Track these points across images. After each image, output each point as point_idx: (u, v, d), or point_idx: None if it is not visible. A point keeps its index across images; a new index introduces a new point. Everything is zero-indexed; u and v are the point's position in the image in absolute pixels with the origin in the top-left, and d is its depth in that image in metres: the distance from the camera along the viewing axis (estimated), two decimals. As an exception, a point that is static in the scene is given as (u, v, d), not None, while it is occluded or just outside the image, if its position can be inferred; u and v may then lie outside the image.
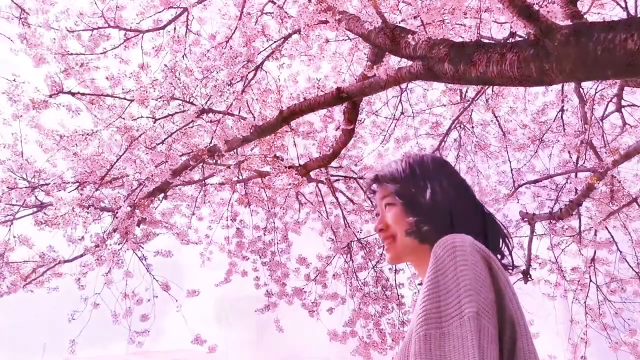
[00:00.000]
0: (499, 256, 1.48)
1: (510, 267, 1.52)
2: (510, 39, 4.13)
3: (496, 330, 1.17)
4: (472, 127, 6.27)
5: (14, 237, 4.45)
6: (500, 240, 1.50)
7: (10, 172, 4.28)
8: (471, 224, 1.44)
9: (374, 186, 1.62)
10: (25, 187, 4.30)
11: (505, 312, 1.21)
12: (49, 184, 4.32)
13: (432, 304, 1.19)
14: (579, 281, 6.15)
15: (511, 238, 1.54)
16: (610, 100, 5.43)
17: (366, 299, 6.25)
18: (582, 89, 5.39)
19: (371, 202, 1.68)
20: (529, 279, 5.90)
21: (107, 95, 4.24)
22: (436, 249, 1.29)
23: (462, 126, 6.22)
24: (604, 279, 6.14)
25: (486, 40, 4.24)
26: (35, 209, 4.40)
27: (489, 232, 1.47)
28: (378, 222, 1.57)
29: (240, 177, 5.68)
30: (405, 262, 1.55)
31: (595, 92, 5.25)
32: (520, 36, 4.06)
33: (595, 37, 2.30)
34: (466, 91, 5.92)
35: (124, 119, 4.24)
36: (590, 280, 6.13)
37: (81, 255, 4.66)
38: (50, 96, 3.78)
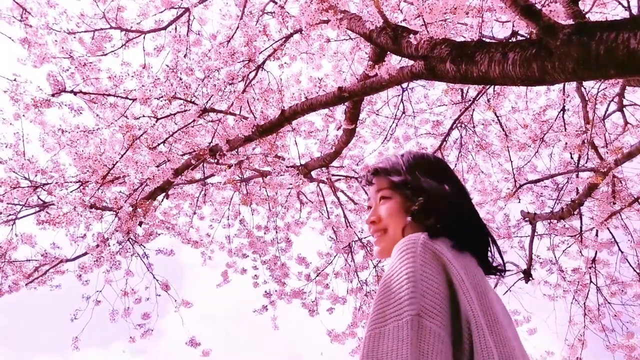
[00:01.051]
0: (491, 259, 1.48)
1: (503, 271, 1.51)
2: (512, 39, 4.13)
3: (445, 330, 1.15)
4: (474, 126, 6.26)
5: (16, 235, 4.45)
6: (491, 246, 1.49)
7: (12, 171, 4.28)
8: (464, 225, 1.43)
9: (371, 178, 1.59)
10: (28, 187, 4.31)
11: (460, 311, 1.19)
12: (51, 183, 4.32)
13: (380, 306, 1.19)
14: (579, 282, 6.14)
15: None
16: (612, 100, 5.43)
17: (367, 298, 6.25)
18: (584, 88, 5.39)
19: (367, 193, 1.67)
20: (530, 278, 5.90)
21: (109, 95, 4.24)
22: (392, 251, 1.29)
23: (463, 126, 6.21)
24: (604, 280, 6.14)
25: (488, 40, 4.24)
26: (37, 209, 4.40)
27: (475, 235, 1.46)
28: (371, 214, 1.56)
29: (242, 177, 5.69)
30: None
31: (598, 92, 5.25)
32: (522, 35, 4.05)
33: (597, 36, 2.29)
34: (467, 91, 5.91)
35: (127, 117, 4.24)
36: (591, 282, 6.13)
37: (83, 254, 4.67)
38: (53, 95, 3.78)
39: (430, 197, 1.45)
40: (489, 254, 1.49)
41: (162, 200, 5.33)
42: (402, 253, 1.25)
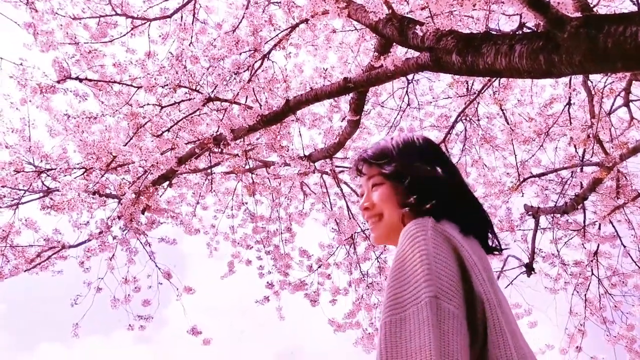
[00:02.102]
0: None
1: (499, 250, 1.51)
2: (519, 32, 4.11)
3: (461, 310, 1.16)
4: (478, 119, 6.25)
5: (20, 220, 4.47)
6: (486, 227, 1.49)
7: (17, 154, 4.28)
8: (459, 207, 1.43)
9: (362, 166, 1.58)
10: (32, 171, 4.32)
11: (474, 292, 1.21)
12: (56, 169, 4.33)
13: (394, 290, 1.20)
14: (580, 274, 6.16)
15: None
16: (618, 95, 5.41)
17: (369, 290, 6.27)
18: (591, 82, 5.37)
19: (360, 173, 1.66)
20: (533, 272, 5.90)
21: (114, 82, 4.23)
22: (400, 237, 1.30)
23: (467, 119, 6.20)
24: (605, 272, 6.16)
25: (495, 32, 4.22)
26: (41, 194, 4.41)
27: (475, 217, 1.46)
28: (364, 200, 1.55)
29: (247, 166, 5.69)
30: (389, 242, 1.53)
31: (604, 86, 5.23)
32: (529, 28, 4.04)
33: (605, 29, 2.28)
34: (472, 83, 5.90)
35: (131, 105, 4.24)
36: (592, 274, 6.15)
37: (86, 241, 4.68)
38: (58, 82, 3.78)
39: (422, 184, 1.44)
40: (488, 234, 1.49)
41: (166, 188, 5.34)
42: (412, 237, 1.26)
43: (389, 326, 1.16)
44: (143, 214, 4.93)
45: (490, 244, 1.49)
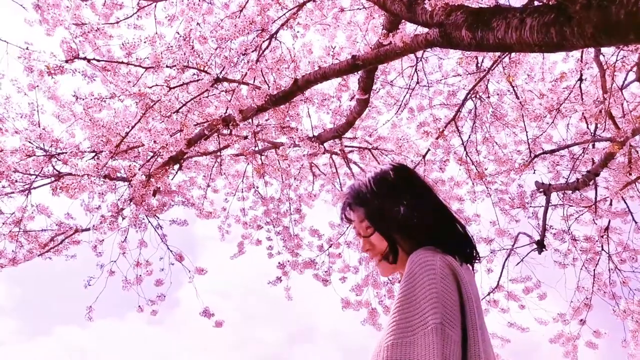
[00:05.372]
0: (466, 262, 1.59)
1: (478, 259, 1.62)
2: (530, 5, 4.05)
3: (459, 337, 1.30)
4: (488, 97, 6.19)
5: (32, 205, 4.49)
6: (469, 245, 1.60)
7: (28, 141, 4.29)
8: (443, 232, 1.54)
9: (349, 212, 1.67)
10: (43, 156, 4.33)
11: (467, 321, 1.34)
12: (66, 152, 4.34)
13: (401, 315, 1.32)
14: (590, 250, 6.14)
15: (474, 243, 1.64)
16: (631, 69, 5.34)
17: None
18: (603, 55, 5.30)
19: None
20: (543, 249, 5.88)
21: (122, 63, 4.22)
22: (408, 264, 1.41)
23: (477, 96, 6.14)
24: (615, 248, 6.15)
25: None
26: (52, 179, 4.43)
27: (458, 238, 1.57)
28: (363, 243, 1.65)
29: (257, 147, 5.68)
30: (394, 273, 1.66)
31: (616, 60, 5.16)
32: (540, 0, 3.99)
33: (617, 0, 2.25)
34: (482, 60, 5.84)
35: (139, 88, 4.23)
36: (602, 249, 6.13)
37: (98, 224, 4.71)
38: (66, 61, 3.77)
39: (401, 223, 1.55)
40: (474, 251, 1.61)
41: (177, 172, 5.35)
42: (422, 266, 1.38)
43: (394, 348, 1.28)
44: (154, 196, 4.95)
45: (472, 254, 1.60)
